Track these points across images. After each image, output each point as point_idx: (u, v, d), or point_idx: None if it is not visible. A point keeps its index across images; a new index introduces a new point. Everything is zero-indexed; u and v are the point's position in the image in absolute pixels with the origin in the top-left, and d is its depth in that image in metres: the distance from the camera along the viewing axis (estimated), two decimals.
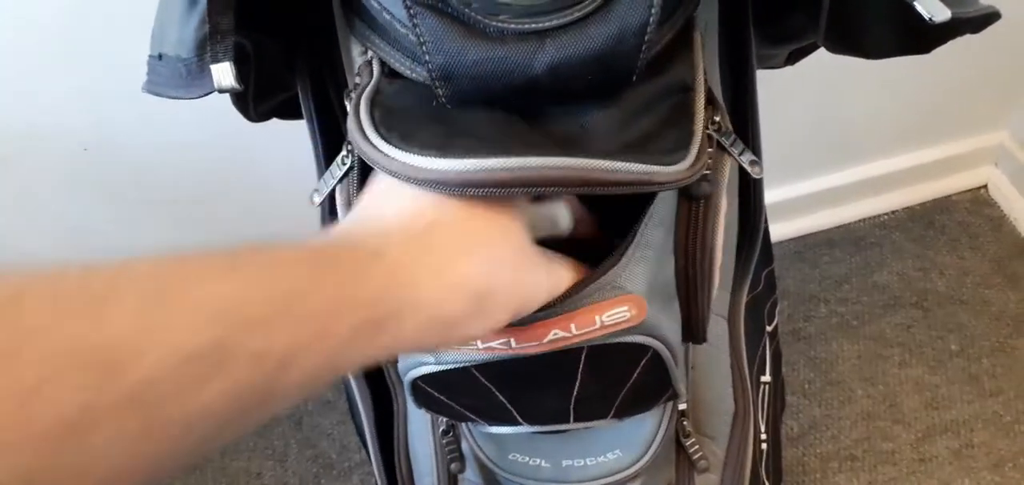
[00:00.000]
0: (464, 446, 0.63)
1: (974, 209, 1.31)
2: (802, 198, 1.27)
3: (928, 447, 1.09)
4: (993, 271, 1.24)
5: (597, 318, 0.42)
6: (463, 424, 0.62)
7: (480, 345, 0.42)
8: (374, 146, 0.37)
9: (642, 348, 0.45)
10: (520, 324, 0.41)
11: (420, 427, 0.66)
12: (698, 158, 0.39)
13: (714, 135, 0.42)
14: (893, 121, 1.23)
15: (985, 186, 1.33)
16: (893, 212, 1.32)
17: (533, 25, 0.35)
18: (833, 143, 1.23)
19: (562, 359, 0.44)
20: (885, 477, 1.07)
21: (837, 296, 1.24)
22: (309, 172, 0.91)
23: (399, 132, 0.37)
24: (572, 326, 0.41)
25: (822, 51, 0.63)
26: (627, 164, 0.37)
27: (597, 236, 0.47)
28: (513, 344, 0.42)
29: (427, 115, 0.39)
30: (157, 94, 0.41)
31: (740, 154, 0.43)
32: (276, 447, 1.20)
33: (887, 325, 1.20)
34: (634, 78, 0.37)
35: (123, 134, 0.92)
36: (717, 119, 0.42)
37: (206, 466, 1.19)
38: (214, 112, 0.88)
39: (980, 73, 1.17)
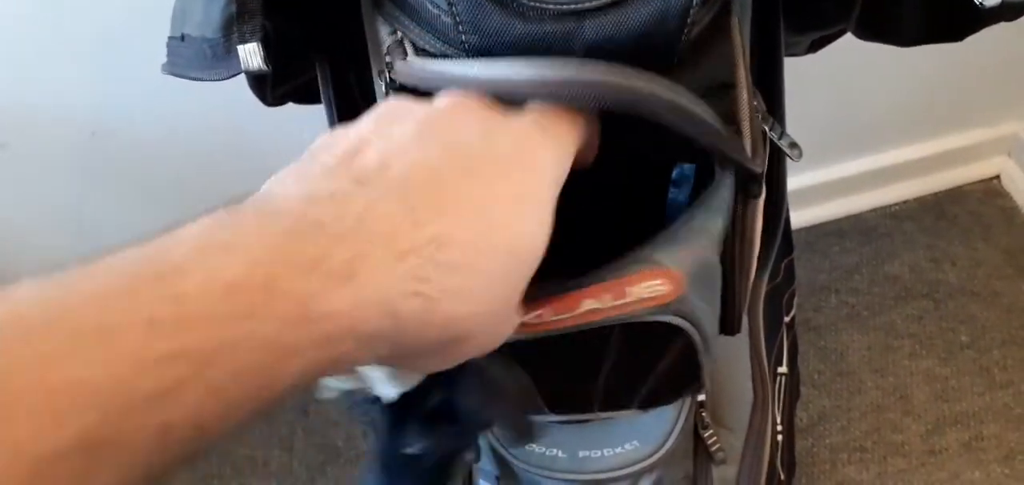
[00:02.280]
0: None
1: (986, 200, 1.30)
2: (813, 187, 1.26)
3: (938, 439, 1.09)
4: (1005, 262, 1.23)
5: (631, 290, 0.41)
6: None
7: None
8: (426, 67, 0.36)
9: (675, 331, 0.44)
10: (552, 295, 0.40)
11: None
12: (753, 158, 0.38)
13: (765, 129, 0.41)
14: (905, 110, 1.22)
15: (998, 176, 1.32)
16: (904, 202, 1.31)
17: (572, 5, 0.34)
18: (844, 132, 1.22)
19: (593, 337, 0.43)
20: (895, 469, 1.07)
21: (848, 286, 1.24)
22: None
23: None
24: (606, 297, 0.41)
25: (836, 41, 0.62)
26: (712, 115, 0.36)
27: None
28: (547, 316, 0.41)
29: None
30: (178, 75, 0.40)
31: (780, 138, 0.42)
32: (283, 435, 1.19)
33: (898, 316, 1.20)
34: (675, 60, 0.36)
35: (129, 119, 0.92)
36: (756, 105, 0.41)
37: (212, 454, 1.18)
38: (221, 96, 0.88)
39: (993, 63, 1.16)
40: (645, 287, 0.41)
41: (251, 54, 0.36)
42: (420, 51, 0.41)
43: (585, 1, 0.34)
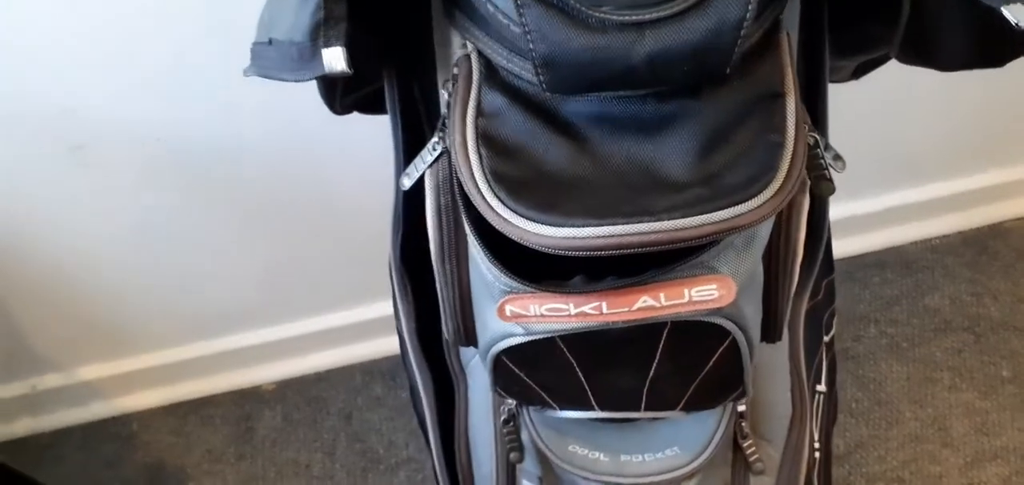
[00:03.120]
0: (524, 435, 0.65)
1: None
2: (854, 218, 1.27)
3: (977, 473, 1.08)
4: None
5: (686, 292, 0.43)
6: (524, 413, 0.63)
7: (573, 310, 0.45)
8: (484, 199, 0.42)
9: (723, 333, 0.46)
10: (611, 288, 0.43)
11: (481, 416, 0.68)
12: (789, 175, 0.40)
13: (812, 137, 0.43)
14: (948, 144, 1.23)
15: None
16: (946, 236, 1.31)
17: (633, 17, 0.37)
18: (887, 165, 1.23)
19: (644, 334, 0.46)
20: None
21: (887, 317, 1.24)
22: (373, 167, 0.94)
23: (507, 183, 0.42)
24: (661, 296, 0.44)
25: (878, 71, 0.64)
26: (709, 216, 0.40)
27: None
28: (605, 308, 0.44)
29: (530, 153, 0.43)
30: (263, 76, 0.44)
31: (825, 150, 0.44)
32: (325, 439, 1.22)
33: (937, 348, 1.19)
34: (728, 71, 0.39)
35: (194, 125, 0.96)
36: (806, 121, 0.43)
37: (256, 455, 1.22)
38: (284, 104, 0.92)
39: None
40: (700, 290, 0.44)
41: (336, 57, 0.40)
42: (486, 69, 0.45)
43: (645, 13, 0.37)
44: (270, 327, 1.25)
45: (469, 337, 0.56)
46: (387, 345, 1.27)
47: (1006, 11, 0.38)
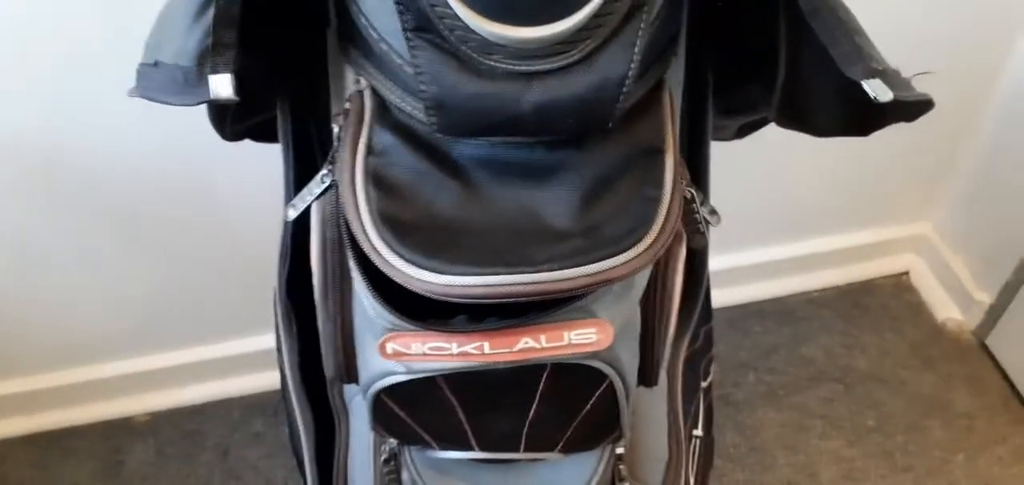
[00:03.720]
0: (405, 475, 0.64)
1: (896, 294, 1.39)
2: (738, 269, 1.32)
3: None
4: (911, 354, 1.30)
5: (565, 335, 0.44)
6: (406, 452, 0.62)
7: (455, 349, 0.45)
8: (370, 241, 0.42)
9: (601, 376, 0.47)
10: (494, 329, 0.44)
11: (362, 454, 0.67)
12: (663, 229, 0.42)
13: (689, 192, 0.45)
14: (826, 203, 1.30)
15: (907, 273, 1.40)
16: (823, 289, 1.38)
17: (523, 67, 0.38)
18: (769, 219, 1.29)
19: (525, 376, 0.46)
20: None
21: (766, 365, 1.29)
22: (261, 188, 0.92)
23: (394, 226, 0.42)
24: (542, 338, 0.45)
25: (763, 131, 0.67)
26: (586, 268, 0.41)
27: None
28: (487, 348, 0.44)
29: (417, 194, 0.43)
30: (148, 97, 0.42)
31: (701, 205, 0.46)
32: (200, 475, 1.17)
33: (811, 397, 1.25)
34: (610, 125, 0.40)
35: (81, 149, 0.91)
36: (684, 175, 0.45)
37: None
38: (171, 124, 0.89)
39: (907, 166, 1.25)
40: (578, 333, 0.45)
41: (223, 84, 0.39)
42: (378, 107, 0.45)
43: (534, 64, 0.38)
44: (145, 355, 1.19)
45: (350, 374, 0.55)
46: (269, 379, 1.23)
47: (865, 85, 0.41)
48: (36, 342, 1.13)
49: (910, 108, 0.44)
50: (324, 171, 0.48)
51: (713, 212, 0.47)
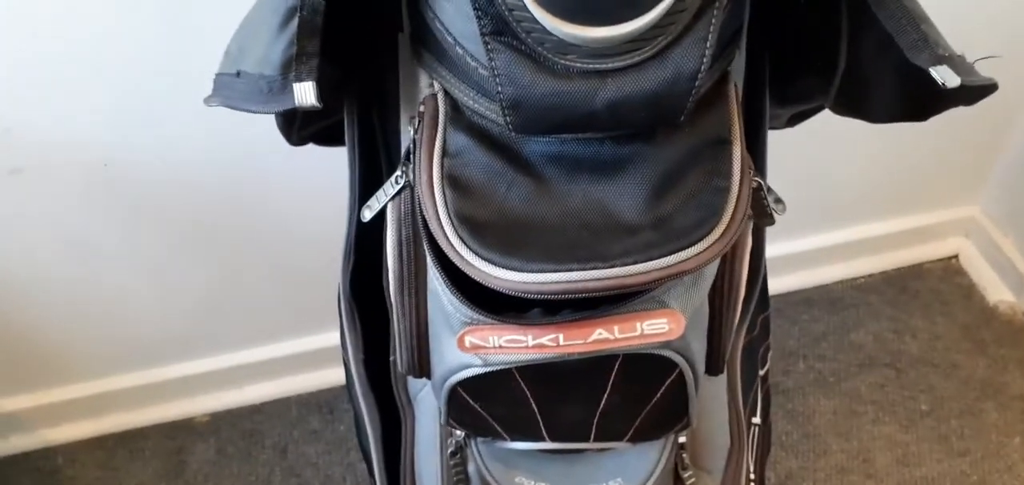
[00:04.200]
0: (470, 467, 0.65)
1: (946, 277, 1.37)
2: (784, 257, 1.32)
3: None
4: (963, 337, 1.29)
5: (638, 325, 0.45)
6: (472, 445, 0.64)
7: (530, 341, 0.46)
8: (449, 240, 0.43)
9: (671, 365, 0.48)
10: (568, 322, 0.45)
11: (428, 448, 0.68)
12: (733, 218, 0.43)
13: (756, 181, 0.46)
14: (872, 189, 1.29)
15: (956, 256, 1.39)
16: (870, 276, 1.38)
17: (597, 65, 0.39)
18: (815, 207, 1.29)
19: (596, 366, 0.47)
20: None
21: (815, 353, 1.29)
22: (315, 197, 0.93)
23: (471, 225, 0.43)
24: (615, 329, 0.46)
25: (810, 120, 0.67)
26: (658, 261, 0.42)
27: None
28: (561, 340, 0.46)
29: (491, 193, 0.45)
30: (229, 106, 0.44)
31: (767, 193, 0.47)
32: (260, 474, 1.20)
33: (862, 383, 1.25)
34: (681, 119, 0.41)
35: (142, 153, 0.94)
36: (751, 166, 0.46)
37: None
38: (236, 131, 0.91)
39: (955, 150, 1.24)
40: (651, 324, 0.46)
41: (306, 92, 0.41)
42: (452, 109, 0.46)
43: (609, 62, 0.39)
44: (204, 358, 1.22)
45: (422, 369, 0.57)
46: (324, 377, 1.26)
47: (933, 72, 0.42)
48: (100, 347, 1.17)
49: (974, 92, 0.45)
50: (398, 172, 0.49)
51: (778, 200, 0.48)
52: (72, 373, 1.19)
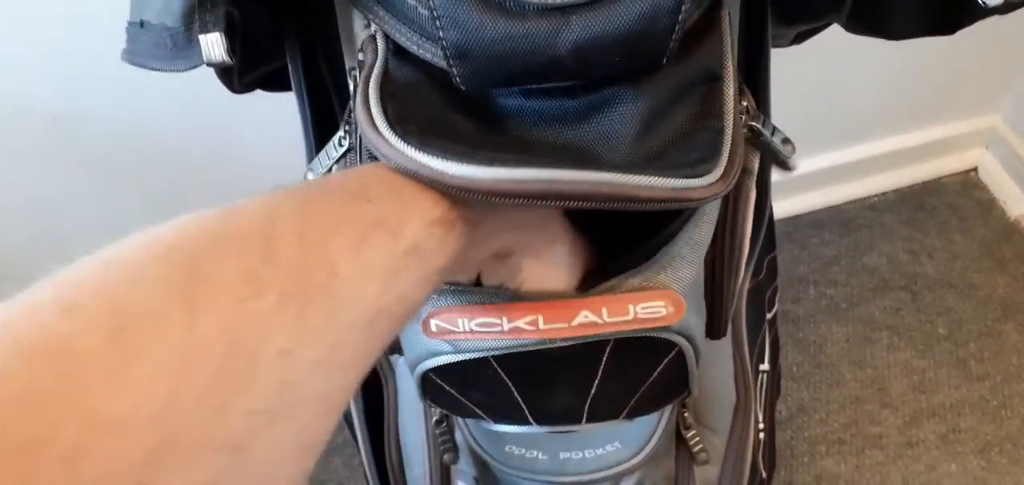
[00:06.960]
0: (458, 436, 0.61)
1: (964, 191, 1.31)
2: (792, 178, 1.25)
3: (915, 431, 1.09)
4: (982, 255, 1.23)
5: (631, 308, 0.39)
6: None
7: (506, 325, 0.40)
8: (391, 145, 0.34)
9: (669, 345, 0.43)
10: (550, 301, 0.39)
11: (412, 416, 0.64)
12: (731, 162, 0.36)
13: (750, 125, 0.39)
14: (884, 103, 1.22)
15: (975, 169, 1.32)
16: (883, 194, 1.31)
17: (557, 0, 0.32)
18: (823, 124, 1.22)
19: (585, 353, 0.41)
20: (872, 461, 1.07)
21: (826, 278, 1.23)
22: (285, 146, 0.87)
23: (417, 132, 0.34)
24: (603, 311, 0.39)
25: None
26: (662, 180, 0.34)
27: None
28: (542, 323, 0.39)
29: (444, 114, 0.36)
30: (137, 65, 0.38)
31: (772, 135, 0.40)
32: None
33: (876, 308, 1.19)
34: (664, 62, 0.34)
35: (93, 104, 0.88)
36: (745, 105, 0.39)
37: None
38: (188, 80, 0.85)
39: (973, 57, 1.16)
40: (646, 307, 0.39)
41: (214, 45, 0.34)
42: (395, 48, 0.39)
43: None
44: None
45: (392, 345, 0.52)
46: None
47: None
48: None
49: (1014, 4, 0.38)
50: (340, 133, 0.43)
51: (786, 140, 0.42)
52: None
